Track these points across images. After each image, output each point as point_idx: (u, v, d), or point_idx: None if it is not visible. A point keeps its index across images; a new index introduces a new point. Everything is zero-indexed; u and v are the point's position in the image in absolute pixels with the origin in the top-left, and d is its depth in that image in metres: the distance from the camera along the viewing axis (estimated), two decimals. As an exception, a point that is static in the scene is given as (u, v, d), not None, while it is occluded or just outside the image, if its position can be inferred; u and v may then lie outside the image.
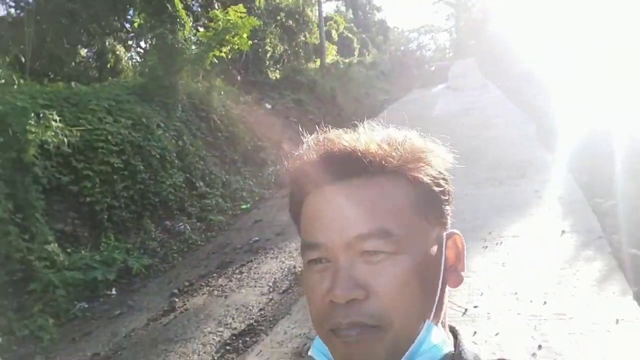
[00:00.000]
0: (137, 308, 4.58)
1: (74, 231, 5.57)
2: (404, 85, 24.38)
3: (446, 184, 0.55)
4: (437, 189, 0.53)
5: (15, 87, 5.38)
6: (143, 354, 3.64)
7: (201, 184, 7.55)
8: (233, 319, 3.94)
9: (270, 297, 4.23)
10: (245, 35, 7.69)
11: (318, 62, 19.11)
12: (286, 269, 4.79)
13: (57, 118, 5.25)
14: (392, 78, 25.54)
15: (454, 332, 0.58)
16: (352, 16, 35.67)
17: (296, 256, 5.12)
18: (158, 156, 6.83)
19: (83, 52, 12.42)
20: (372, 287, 0.49)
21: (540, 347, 2.71)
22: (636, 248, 3.77)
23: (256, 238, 6.00)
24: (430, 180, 0.53)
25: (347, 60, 20.85)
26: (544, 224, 4.64)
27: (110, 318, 4.45)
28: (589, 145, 6.19)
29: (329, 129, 0.59)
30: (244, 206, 7.61)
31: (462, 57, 36.43)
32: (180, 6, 7.76)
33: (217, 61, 8.05)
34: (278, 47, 16.23)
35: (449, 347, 0.53)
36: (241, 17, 7.56)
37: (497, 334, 2.85)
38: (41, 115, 5.12)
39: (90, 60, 12.94)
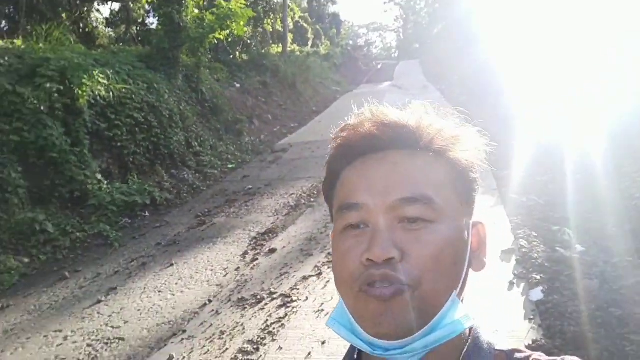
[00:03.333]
0: (172, 223, 6.32)
1: (108, 168, 7.11)
2: (353, 79, 26.76)
3: (477, 174, 0.60)
4: (472, 175, 0.59)
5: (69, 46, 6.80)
6: (195, 244, 5.45)
7: (196, 144, 9.21)
8: (253, 227, 5.84)
9: (277, 217, 6.17)
10: (242, 23, 9.41)
11: (279, 48, 20.82)
12: (282, 204, 6.73)
13: (109, 74, 6.77)
14: (343, 71, 27.80)
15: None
16: (306, 6, 37.43)
17: (287, 197, 7.05)
18: (167, 116, 8.43)
19: (65, 16, 13.34)
20: (407, 251, 0.52)
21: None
22: (514, 194, 6.16)
23: (250, 186, 7.86)
24: (468, 165, 0.59)
25: (305, 50, 22.69)
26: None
27: (154, 228, 6.16)
28: (498, 136, 8.71)
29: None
30: (230, 165, 9.37)
31: (407, 58, 39.65)
32: (186, -10, 9.31)
33: (216, 41, 9.70)
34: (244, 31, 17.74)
35: (470, 323, 0.55)
36: (241, 8, 9.25)
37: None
38: (97, 71, 6.63)
39: (68, 24, 13.85)
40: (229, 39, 11.88)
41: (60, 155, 6.12)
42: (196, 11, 10.48)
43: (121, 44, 14.29)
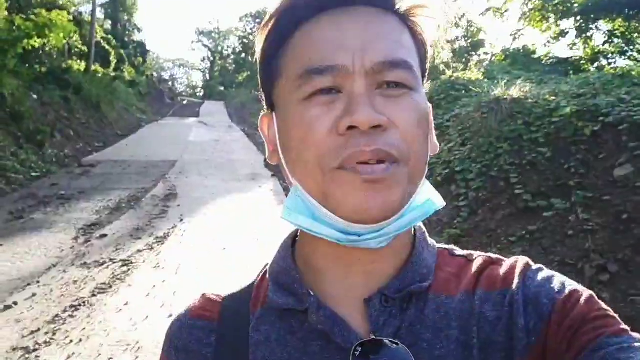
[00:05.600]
0: (-17, 217, 6.47)
1: None
2: (158, 110, 27.33)
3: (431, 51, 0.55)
4: (428, 50, 0.54)
5: None
6: (18, 232, 5.90)
7: (-4, 148, 9.04)
8: (77, 222, 6.53)
9: (100, 215, 6.95)
10: (61, 35, 9.80)
11: (79, 66, 20.32)
12: (102, 206, 7.48)
13: None
14: (148, 100, 28.07)
15: None
16: (110, 27, 36.50)
17: (106, 202, 7.80)
18: (-33, 115, 8.23)
19: None
20: (393, 119, 0.46)
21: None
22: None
23: (62, 192, 8.26)
24: (427, 38, 0.53)
25: (112, 73, 22.54)
26: (262, 194, 8.86)
27: (-38, 220, 6.23)
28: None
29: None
30: (34, 174, 9.41)
31: (213, 98, 41.79)
32: (-1, -8, 9.38)
33: (31, 48, 9.79)
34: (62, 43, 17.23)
35: (441, 202, 0.52)
36: (63, 20, 9.69)
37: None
38: None
39: None
40: (47, 49, 11.79)
41: None
42: (6, 13, 10.38)
43: None
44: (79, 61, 20.62)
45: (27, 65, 15.04)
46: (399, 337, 0.48)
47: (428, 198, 0.51)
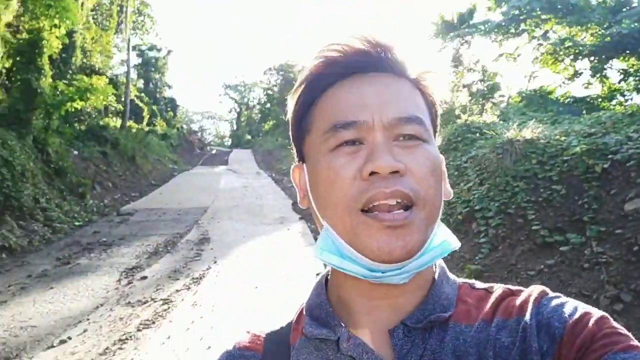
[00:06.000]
0: (33, 264, 7.02)
1: (-40, 211, 7.44)
2: (189, 160, 28.44)
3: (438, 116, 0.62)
4: (437, 113, 0.62)
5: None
6: (67, 276, 6.38)
7: (43, 200, 9.76)
8: (119, 266, 7.00)
9: (139, 259, 7.42)
10: (101, 97, 10.74)
11: (115, 123, 21.63)
12: (141, 251, 7.97)
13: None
14: (179, 151, 29.32)
15: None
16: (142, 86, 38.72)
17: (144, 247, 8.29)
18: (19, 171, 9.02)
19: None
20: (409, 166, 0.53)
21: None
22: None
23: (104, 239, 8.83)
24: (435, 100, 0.62)
25: (146, 128, 23.81)
26: (291, 236, 9.22)
27: (16, 266, 6.79)
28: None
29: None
30: (77, 223, 10.06)
31: (240, 147, 43.16)
32: (47, 61, 10.42)
33: (73, 110, 10.74)
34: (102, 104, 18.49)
35: (456, 244, 0.58)
36: (102, 84, 10.66)
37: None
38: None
39: None
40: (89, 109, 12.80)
41: None
42: (50, 80, 11.45)
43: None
44: (115, 118, 22.01)
45: (68, 124, 16.26)
46: None
47: (444, 239, 0.57)
